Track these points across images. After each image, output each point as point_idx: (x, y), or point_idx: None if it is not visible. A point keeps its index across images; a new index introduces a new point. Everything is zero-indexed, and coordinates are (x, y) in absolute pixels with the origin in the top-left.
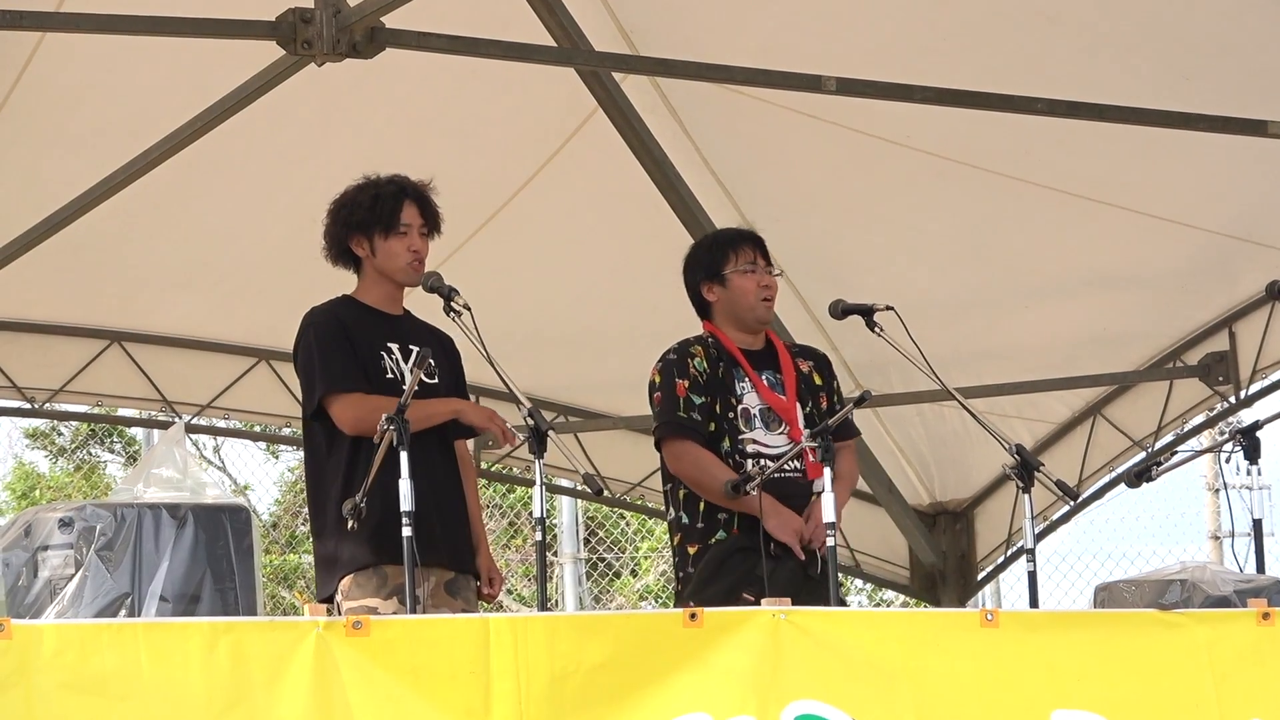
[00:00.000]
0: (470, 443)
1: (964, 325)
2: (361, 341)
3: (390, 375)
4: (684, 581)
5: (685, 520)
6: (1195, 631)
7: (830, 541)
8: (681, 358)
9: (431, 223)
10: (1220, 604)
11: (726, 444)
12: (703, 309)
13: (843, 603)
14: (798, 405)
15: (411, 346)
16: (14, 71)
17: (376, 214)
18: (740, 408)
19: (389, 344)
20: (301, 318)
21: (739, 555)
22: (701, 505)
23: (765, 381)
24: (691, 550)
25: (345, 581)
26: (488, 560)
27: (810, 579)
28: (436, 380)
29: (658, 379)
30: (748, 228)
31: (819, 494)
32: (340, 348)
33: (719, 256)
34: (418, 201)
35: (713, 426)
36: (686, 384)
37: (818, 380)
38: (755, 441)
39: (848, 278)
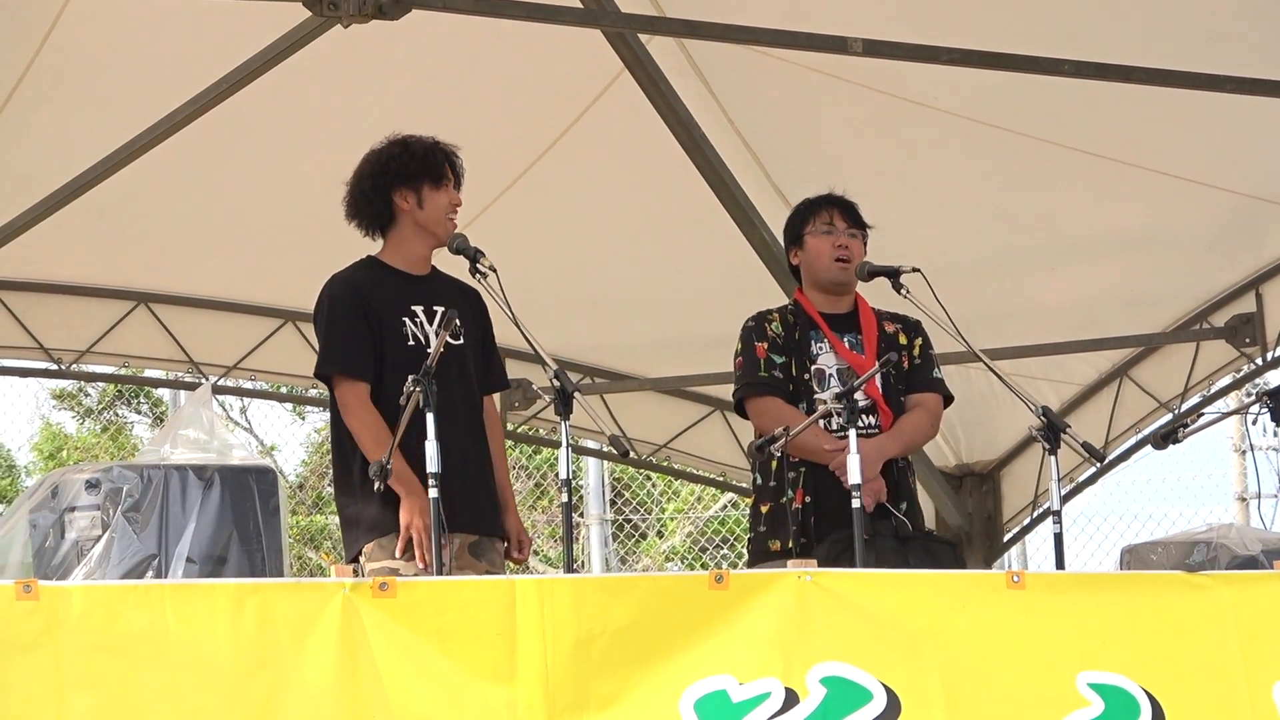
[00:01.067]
0: (496, 398)
1: (990, 287)
2: (384, 308)
3: (413, 341)
4: (754, 541)
5: (759, 480)
6: (1221, 593)
7: (855, 503)
8: (759, 323)
9: (459, 180)
10: (1247, 564)
11: (803, 405)
12: (796, 275)
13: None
14: (877, 365)
15: (436, 307)
16: (41, 32)
17: (428, 164)
18: (814, 368)
19: (413, 307)
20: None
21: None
22: (774, 464)
23: (846, 343)
24: (764, 509)
25: (370, 545)
26: (516, 522)
27: (905, 541)
28: (462, 340)
29: (739, 346)
30: (839, 193)
31: (849, 455)
32: (353, 326)
33: (799, 220)
34: (450, 159)
35: (791, 388)
36: (765, 345)
37: (902, 340)
38: (829, 401)
39: (874, 239)
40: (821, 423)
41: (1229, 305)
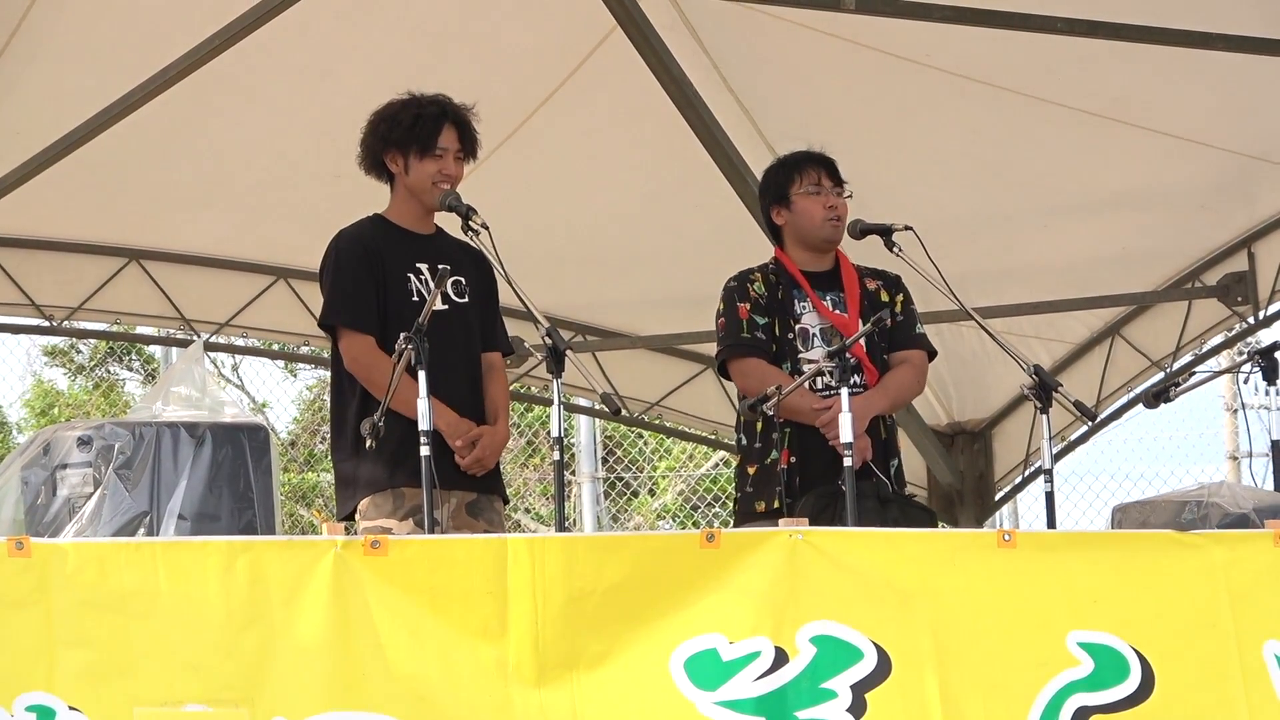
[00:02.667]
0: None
1: (982, 245)
2: (389, 264)
3: (416, 298)
4: (740, 502)
5: (744, 441)
6: (1212, 552)
7: (847, 461)
8: (741, 283)
9: (468, 148)
10: (1238, 522)
11: (786, 365)
12: (775, 234)
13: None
14: (860, 323)
15: (441, 266)
16: None
17: (415, 134)
18: (799, 328)
19: (417, 264)
20: (331, 237)
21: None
22: (758, 425)
23: (828, 301)
24: (750, 470)
25: (364, 503)
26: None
27: (885, 503)
28: (467, 299)
29: (721, 306)
30: (817, 150)
31: (838, 413)
32: (358, 280)
33: (784, 179)
34: (457, 125)
35: (774, 348)
36: (748, 306)
37: (884, 298)
38: (813, 360)
39: (866, 197)
40: (809, 382)
41: (1221, 264)
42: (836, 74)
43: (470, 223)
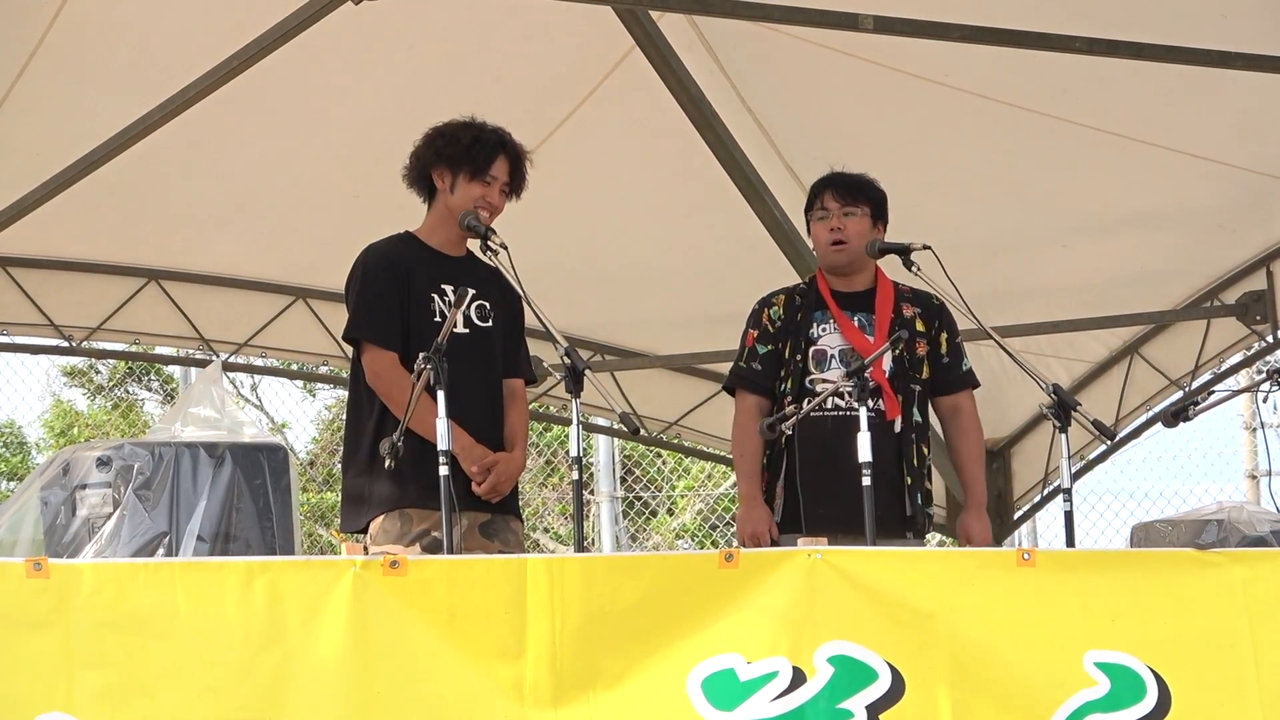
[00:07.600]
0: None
1: (1001, 264)
2: (414, 282)
3: (438, 318)
4: None
5: (763, 461)
6: (1231, 571)
7: (866, 480)
8: (761, 307)
9: (515, 184)
10: (1257, 544)
11: (790, 385)
12: None
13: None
14: (885, 345)
15: (463, 287)
16: (52, 8)
17: (471, 155)
18: (814, 349)
19: (443, 285)
20: (351, 256)
21: None
22: (766, 449)
23: (856, 323)
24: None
25: (374, 525)
26: (504, 463)
27: None
28: (491, 324)
29: (744, 328)
30: (839, 168)
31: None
32: (384, 296)
33: (807, 204)
34: (511, 160)
35: (781, 371)
36: (756, 333)
37: (920, 326)
38: (826, 380)
39: None
40: (831, 400)
41: (1240, 282)
42: (855, 94)
43: (489, 243)
